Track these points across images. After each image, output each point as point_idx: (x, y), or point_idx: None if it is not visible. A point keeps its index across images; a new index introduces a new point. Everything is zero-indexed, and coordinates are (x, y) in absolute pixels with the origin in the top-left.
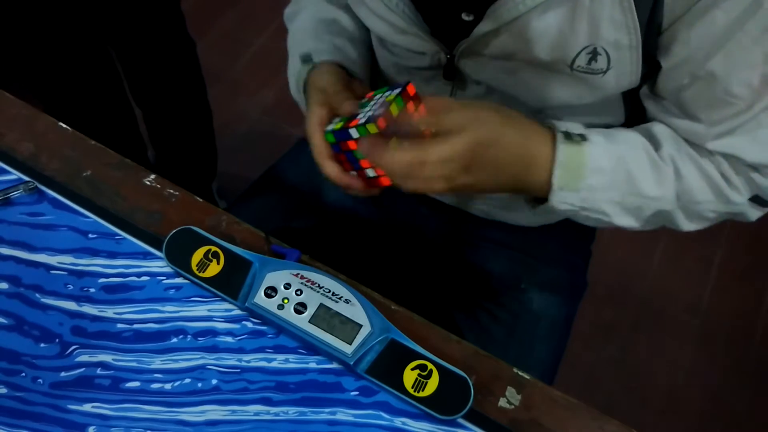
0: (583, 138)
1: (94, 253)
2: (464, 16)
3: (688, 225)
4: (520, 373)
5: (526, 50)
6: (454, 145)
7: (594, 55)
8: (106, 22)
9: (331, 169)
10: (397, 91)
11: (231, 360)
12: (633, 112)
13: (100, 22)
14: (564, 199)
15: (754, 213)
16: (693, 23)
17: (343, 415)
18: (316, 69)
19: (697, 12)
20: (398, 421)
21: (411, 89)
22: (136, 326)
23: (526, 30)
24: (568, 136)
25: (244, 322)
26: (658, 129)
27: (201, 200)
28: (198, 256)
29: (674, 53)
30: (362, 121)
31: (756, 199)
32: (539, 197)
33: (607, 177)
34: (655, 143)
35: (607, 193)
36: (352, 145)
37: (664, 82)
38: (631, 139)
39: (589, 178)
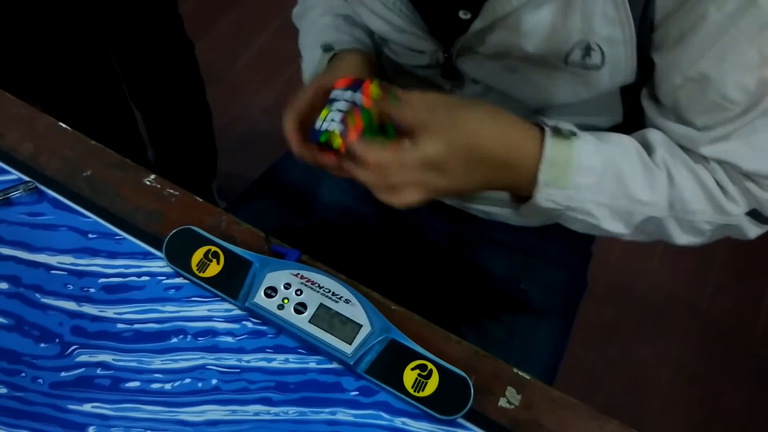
0: (572, 134)
1: (94, 253)
2: (461, 15)
3: (681, 237)
4: (520, 373)
5: (520, 46)
6: (427, 149)
7: (587, 50)
8: (104, 24)
9: (290, 124)
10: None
11: (231, 360)
12: (631, 112)
13: (99, 25)
14: (549, 197)
15: (753, 229)
16: (684, 18)
17: (343, 415)
18: (337, 57)
19: (689, 6)
20: (398, 421)
21: (366, 88)
22: (136, 326)
23: (519, 25)
24: (558, 132)
25: (244, 322)
26: (653, 135)
27: (201, 200)
28: (198, 256)
29: (666, 50)
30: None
31: (754, 214)
32: (523, 195)
33: (596, 177)
34: (649, 148)
35: (595, 193)
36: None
37: (659, 83)
38: (623, 141)
39: (577, 176)
